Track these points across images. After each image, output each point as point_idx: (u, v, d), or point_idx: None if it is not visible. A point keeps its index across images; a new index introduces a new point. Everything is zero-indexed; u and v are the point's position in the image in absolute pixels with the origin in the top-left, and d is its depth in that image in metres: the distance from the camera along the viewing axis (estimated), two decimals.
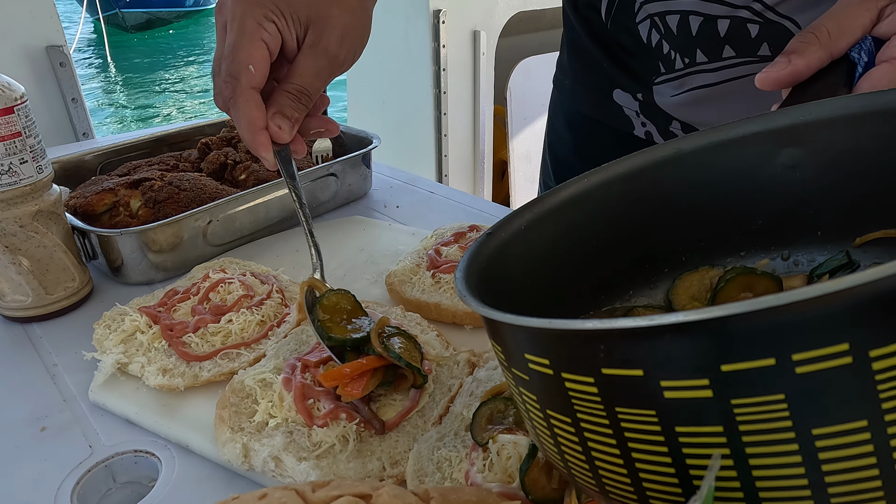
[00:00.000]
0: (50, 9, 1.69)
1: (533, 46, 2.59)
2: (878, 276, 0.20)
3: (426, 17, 2.11)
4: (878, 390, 0.21)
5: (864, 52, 0.44)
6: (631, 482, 0.27)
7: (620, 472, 0.27)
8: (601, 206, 0.43)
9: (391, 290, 0.69)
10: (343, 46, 0.55)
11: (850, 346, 0.21)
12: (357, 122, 2.60)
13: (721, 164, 0.42)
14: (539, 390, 0.29)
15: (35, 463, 0.51)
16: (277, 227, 0.86)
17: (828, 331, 0.21)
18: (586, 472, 0.29)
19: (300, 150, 0.57)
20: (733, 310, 0.21)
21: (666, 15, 0.69)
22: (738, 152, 0.42)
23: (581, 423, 0.27)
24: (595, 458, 0.28)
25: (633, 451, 0.26)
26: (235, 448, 0.47)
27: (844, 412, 0.22)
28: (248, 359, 0.57)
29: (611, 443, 0.27)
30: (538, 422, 0.30)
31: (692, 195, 0.43)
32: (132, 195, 0.81)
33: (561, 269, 0.42)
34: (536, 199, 0.42)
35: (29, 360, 0.63)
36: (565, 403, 0.27)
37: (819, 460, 0.22)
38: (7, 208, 0.63)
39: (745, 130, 0.41)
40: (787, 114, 0.40)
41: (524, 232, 0.40)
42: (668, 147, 0.43)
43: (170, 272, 0.76)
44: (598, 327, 0.24)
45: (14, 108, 0.62)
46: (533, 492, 0.39)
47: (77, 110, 1.76)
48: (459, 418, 0.49)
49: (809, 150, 0.40)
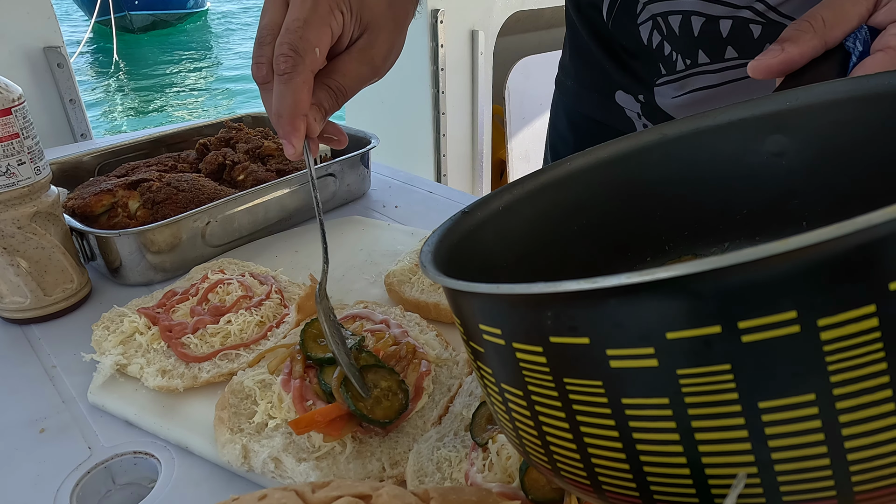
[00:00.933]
0: (47, 10, 1.69)
1: (531, 46, 2.59)
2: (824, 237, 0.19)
3: (424, 17, 2.11)
4: (826, 362, 0.20)
5: (860, 42, 0.43)
6: (580, 458, 0.26)
7: (570, 448, 0.26)
8: (583, 190, 0.42)
9: (390, 290, 0.69)
10: (386, 61, 0.55)
11: (797, 314, 0.20)
12: (355, 122, 2.60)
13: (706, 150, 0.41)
14: (494, 363, 0.28)
15: (34, 464, 0.50)
16: (276, 227, 0.86)
17: (774, 297, 0.20)
18: (539, 449, 0.28)
19: (314, 149, 0.56)
20: (676, 271, 0.20)
21: (668, 15, 0.69)
22: (723, 139, 0.41)
23: (532, 395, 0.27)
24: (546, 433, 0.27)
25: (581, 425, 0.25)
26: (235, 449, 0.47)
27: (791, 385, 0.21)
28: (247, 359, 0.57)
29: (560, 416, 0.26)
30: (495, 397, 0.30)
31: (677, 182, 0.42)
32: (130, 196, 0.81)
33: (539, 253, 0.40)
34: (517, 181, 0.41)
35: (28, 361, 0.63)
36: (517, 376, 0.27)
37: (766, 435, 0.22)
38: (5, 210, 0.63)
39: (731, 116, 0.40)
40: (774, 100, 0.39)
41: (502, 213, 0.39)
42: (653, 132, 0.42)
43: (168, 273, 0.76)
44: (543, 290, 0.23)
45: (12, 110, 0.62)
46: (533, 492, 0.39)
47: (75, 111, 1.76)
48: (459, 418, 0.49)
49: (795, 136, 0.39)
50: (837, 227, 0.19)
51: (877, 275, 0.20)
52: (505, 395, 0.29)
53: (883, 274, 0.20)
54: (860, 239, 0.19)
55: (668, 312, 0.21)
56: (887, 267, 0.20)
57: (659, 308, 0.22)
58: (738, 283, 0.20)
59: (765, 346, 0.21)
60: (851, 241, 0.19)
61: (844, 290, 0.20)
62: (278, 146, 0.96)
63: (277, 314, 0.63)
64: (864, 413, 0.21)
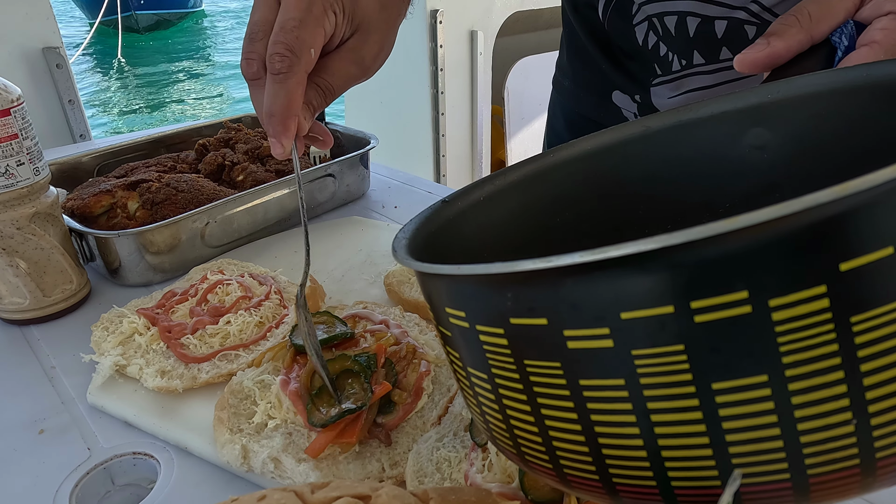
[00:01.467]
0: (46, 10, 1.69)
1: (530, 46, 2.59)
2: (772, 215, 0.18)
3: (423, 17, 2.12)
4: (778, 343, 0.20)
5: (845, 37, 0.43)
6: (542, 441, 0.26)
7: (532, 432, 0.26)
8: (566, 182, 0.41)
9: (389, 291, 0.69)
10: (376, 61, 0.54)
11: (749, 294, 0.20)
12: (355, 122, 2.60)
13: (689, 143, 0.41)
14: (461, 347, 0.28)
15: (33, 465, 0.50)
16: (275, 228, 0.86)
17: (726, 277, 0.20)
18: (504, 433, 0.28)
19: (300, 147, 0.56)
20: (626, 249, 0.20)
21: (664, 16, 0.69)
22: (706, 131, 0.40)
23: (496, 378, 0.27)
24: (510, 416, 0.27)
25: (542, 408, 0.25)
26: (234, 449, 0.47)
27: (744, 366, 0.21)
28: (246, 360, 0.57)
29: (521, 398, 0.26)
30: (463, 382, 0.30)
31: (659, 175, 0.42)
32: (130, 197, 0.81)
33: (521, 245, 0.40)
34: (499, 171, 0.40)
35: (27, 362, 0.63)
36: (482, 359, 0.27)
37: (719, 417, 0.22)
38: (4, 210, 0.63)
39: (713, 110, 0.40)
40: (756, 93, 0.39)
41: (484, 203, 0.39)
42: (637, 125, 0.42)
43: (168, 274, 0.76)
44: (501, 270, 0.23)
45: (10, 111, 0.62)
46: (532, 492, 0.39)
47: (74, 112, 1.76)
48: (458, 419, 0.49)
49: (776, 129, 0.39)
50: (785, 205, 0.18)
51: (827, 255, 0.20)
52: (472, 379, 0.29)
53: (833, 254, 0.20)
54: (810, 218, 0.19)
55: (622, 292, 0.21)
56: (838, 247, 0.19)
57: (613, 287, 0.21)
58: (689, 262, 0.20)
59: (717, 327, 0.21)
60: (801, 220, 0.19)
61: (795, 270, 0.20)
62: None
63: (277, 315, 0.63)
64: (816, 395, 0.21)
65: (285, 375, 0.51)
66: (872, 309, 0.20)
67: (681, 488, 0.23)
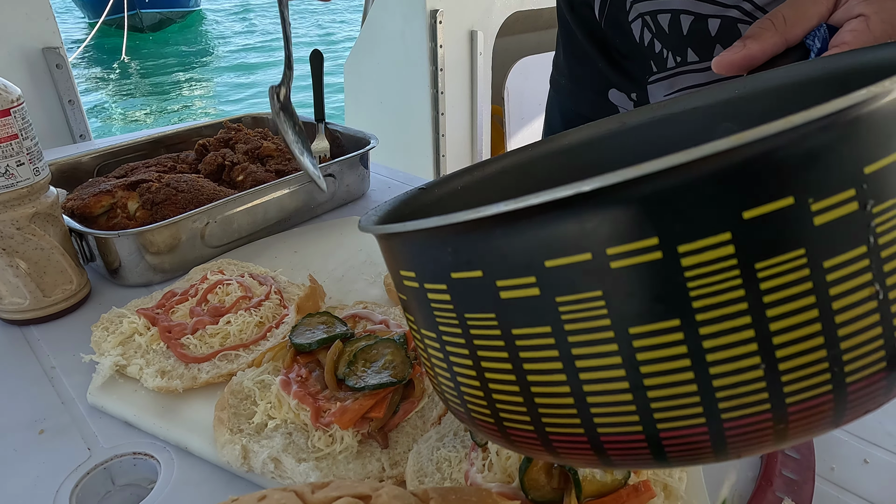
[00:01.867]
0: (46, 11, 1.69)
1: (530, 46, 2.59)
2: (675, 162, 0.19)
3: (423, 18, 2.11)
4: (687, 288, 0.21)
5: (818, 39, 0.44)
6: (483, 396, 0.27)
7: (475, 386, 0.27)
8: (545, 176, 0.42)
9: (389, 291, 0.69)
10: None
11: (658, 240, 0.21)
12: (354, 122, 2.60)
13: (662, 139, 0.42)
14: (414, 309, 0.29)
15: (33, 466, 0.50)
16: (275, 228, 0.86)
17: (637, 223, 0.21)
18: (453, 391, 0.29)
19: None
20: (544, 197, 0.20)
21: (657, 14, 0.69)
22: (680, 127, 0.41)
23: (443, 336, 0.27)
24: (457, 374, 0.28)
25: (482, 360, 0.26)
26: (234, 449, 0.47)
27: (657, 311, 0.21)
28: (246, 360, 0.57)
29: (464, 353, 0.27)
30: (419, 344, 0.30)
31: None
32: (130, 197, 0.81)
33: None
34: (478, 163, 0.41)
35: (27, 362, 0.63)
36: (430, 318, 0.28)
37: (637, 361, 0.22)
38: (4, 211, 0.63)
39: (686, 105, 0.41)
40: (725, 88, 0.40)
41: (461, 193, 0.39)
42: (615, 121, 0.43)
43: (168, 274, 0.76)
44: (439, 223, 0.24)
45: (10, 111, 0.62)
46: (532, 491, 0.39)
47: (74, 112, 1.76)
48: None
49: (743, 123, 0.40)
50: (687, 153, 0.19)
51: (730, 202, 0.20)
52: (425, 341, 0.29)
53: (736, 202, 0.20)
54: (712, 166, 0.20)
55: (546, 240, 0.22)
56: (740, 195, 0.20)
57: (537, 236, 0.22)
58: (602, 210, 0.21)
59: (631, 273, 0.21)
60: (704, 169, 0.20)
61: (701, 217, 0.20)
62: (277, 147, 0.96)
63: (277, 315, 0.63)
64: (725, 339, 0.21)
65: (285, 375, 0.51)
66: (776, 256, 0.21)
67: (607, 436, 0.24)
